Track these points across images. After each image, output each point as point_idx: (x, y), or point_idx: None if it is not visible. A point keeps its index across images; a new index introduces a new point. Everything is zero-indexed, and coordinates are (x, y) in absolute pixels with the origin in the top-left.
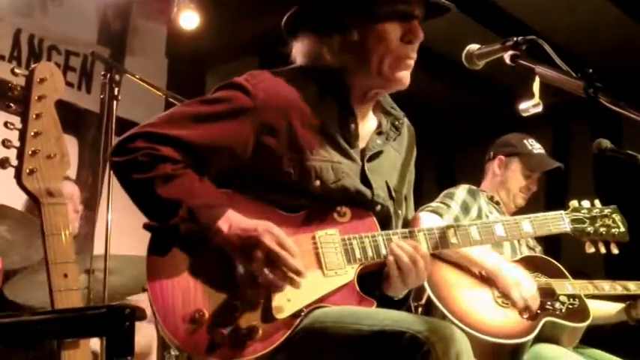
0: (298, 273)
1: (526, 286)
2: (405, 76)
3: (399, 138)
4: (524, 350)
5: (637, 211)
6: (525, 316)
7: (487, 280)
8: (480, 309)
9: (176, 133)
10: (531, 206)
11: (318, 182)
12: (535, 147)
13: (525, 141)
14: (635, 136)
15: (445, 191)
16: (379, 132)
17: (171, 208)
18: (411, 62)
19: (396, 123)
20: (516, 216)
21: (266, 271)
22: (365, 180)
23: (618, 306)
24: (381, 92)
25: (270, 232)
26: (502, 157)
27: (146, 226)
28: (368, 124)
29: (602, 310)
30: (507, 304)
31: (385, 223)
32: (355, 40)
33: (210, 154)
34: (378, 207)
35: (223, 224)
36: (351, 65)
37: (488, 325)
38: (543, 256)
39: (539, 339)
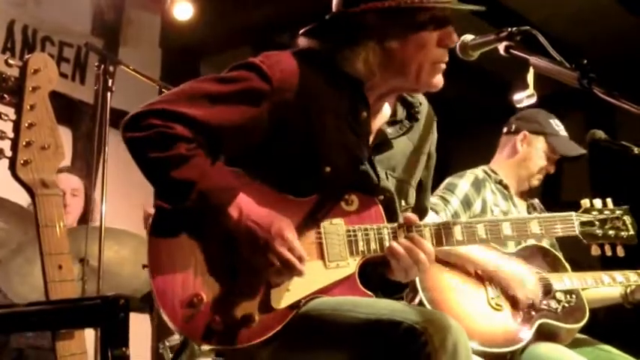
0: (301, 274)
1: (528, 282)
2: (440, 80)
3: (415, 125)
4: (519, 351)
5: (632, 201)
6: (519, 319)
7: (481, 280)
8: (472, 313)
9: (191, 113)
10: None
11: (328, 168)
12: (560, 129)
13: (552, 121)
14: (628, 127)
15: (448, 180)
16: (392, 121)
17: (183, 190)
18: (444, 65)
19: (412, 111)
20: (524, 215)
21: (270, 270)
22: (372, 169)
23: (614, 289)
24: (407, 93)
25: (282, 236)
26: (527, 132)
27: (157, 207)
28: (381, 113)
29: (598, 293)
30: (501, 306)
31: (389, 212)
32: (394, 48)
33: (224, 135)
34: (382, 197)
35: (233, 210)
36: (385, 74)
37: (482, 332)
38: (544, 245)
39: (536, 337)
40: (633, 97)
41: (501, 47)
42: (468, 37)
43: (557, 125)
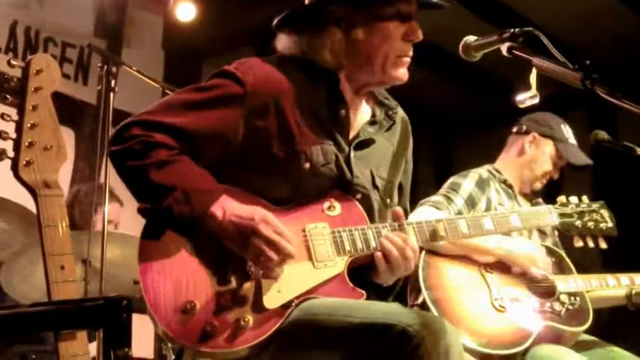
0: (292, 255)
1: (539, 258)
2: (405, 73)
3: (393, 127)
4: (521, 352)
5: (634, 202)
6: (522, 321)
7: (485, 278)
8: (475, 314)
9: (171, 121)
10: None
11: (307, 165)
12: (570, 136)
13: (563, 127)
14: (630, 128)
15: (452, 179)
16: (372, 122)
17: (165, 192)
18: (409, 60)
19: (390, 113)
20: (505, 211)
21: (261, 259)
22: (349, 167)
23: (618, 290)
24: (377, 88)
25: (266, 221)
26: (536, 135)
27: (140, 210)
28: (360, 113)
29: (603, 292)
30: (504, 308)
31: (367, 211)
32: (360, 39)
33: (204, 141)
34: (359, 195)
35: (217, 209)
36: (352, 64)
37: (483, 333)
38: (549, 245)
39: (539, 339)
40: (636, 98)
41: (504, 48)
42: (471, 38)
43: (568, 132)
